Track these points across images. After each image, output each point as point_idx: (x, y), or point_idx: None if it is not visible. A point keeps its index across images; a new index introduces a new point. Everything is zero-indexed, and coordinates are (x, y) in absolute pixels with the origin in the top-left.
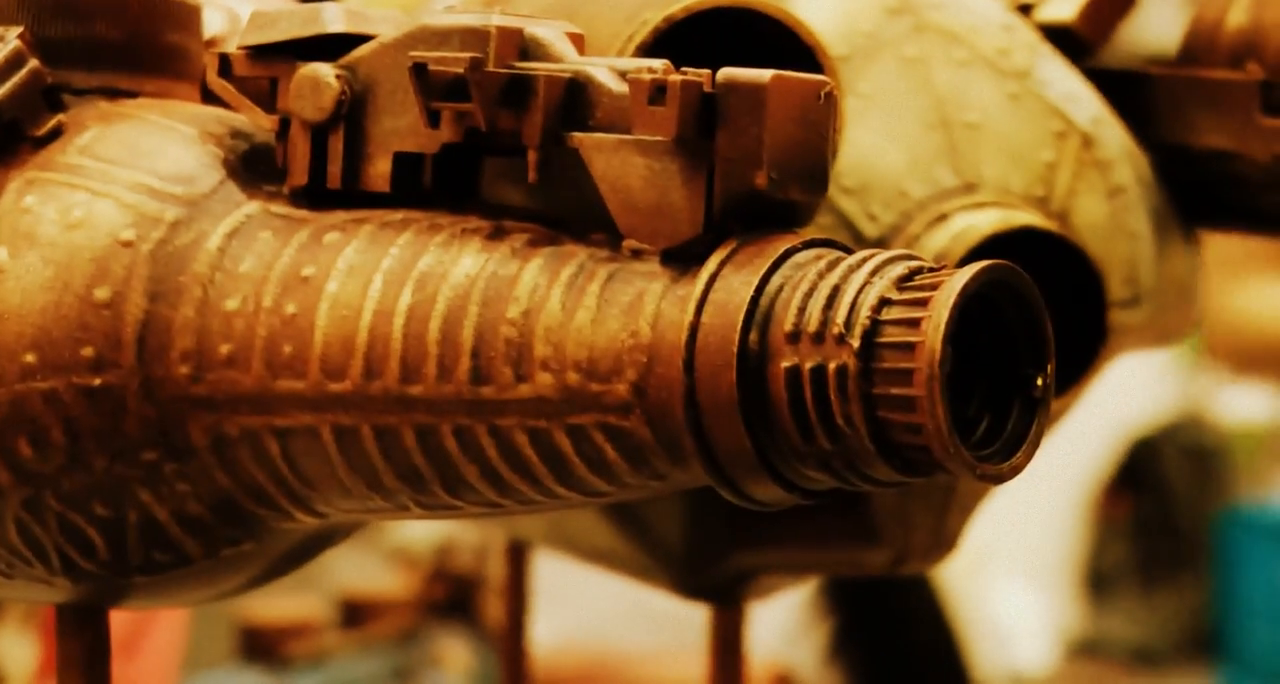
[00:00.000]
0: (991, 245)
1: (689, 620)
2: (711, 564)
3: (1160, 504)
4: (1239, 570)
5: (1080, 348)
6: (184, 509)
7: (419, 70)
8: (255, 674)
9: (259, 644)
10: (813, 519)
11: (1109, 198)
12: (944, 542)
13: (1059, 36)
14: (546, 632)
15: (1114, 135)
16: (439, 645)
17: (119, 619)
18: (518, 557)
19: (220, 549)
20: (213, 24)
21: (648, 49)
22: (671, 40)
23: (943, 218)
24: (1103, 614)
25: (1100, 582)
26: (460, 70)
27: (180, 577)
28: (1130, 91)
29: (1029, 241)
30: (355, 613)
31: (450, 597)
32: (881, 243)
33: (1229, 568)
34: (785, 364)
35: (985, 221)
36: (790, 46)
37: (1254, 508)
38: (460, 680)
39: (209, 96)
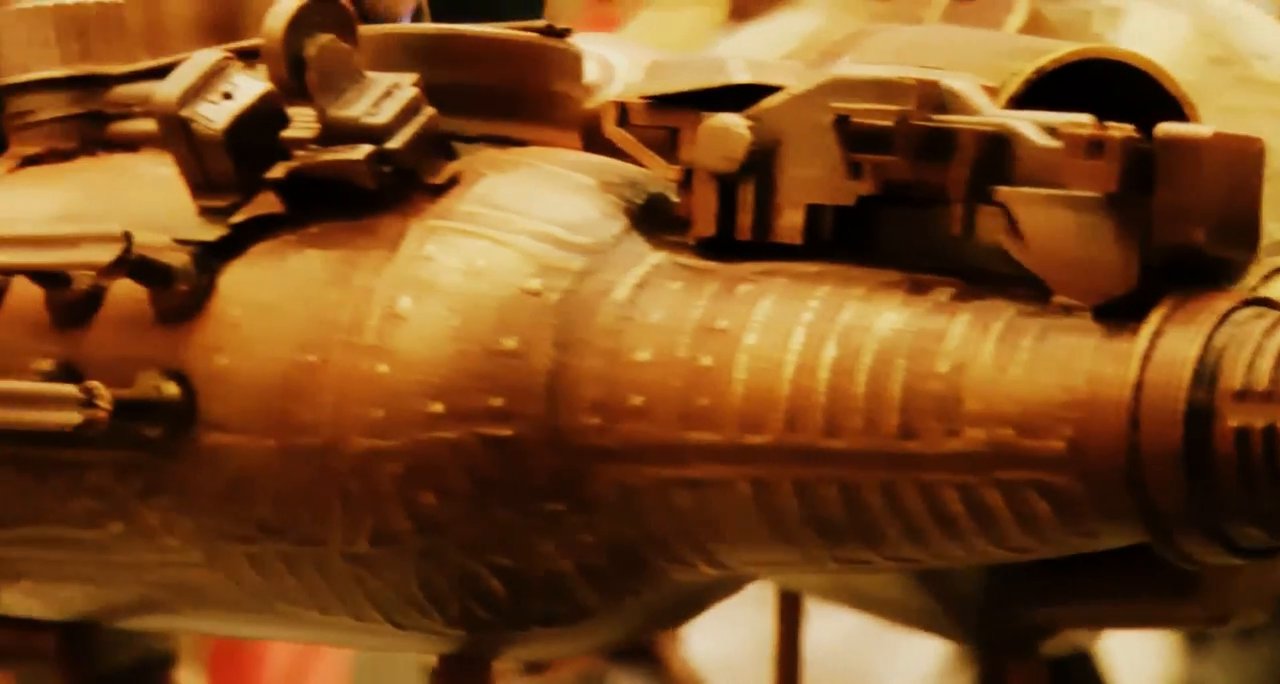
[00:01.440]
0: None
1: None
2: (1010, 617)
3: None
4: None
5: None
6: (586, 560)
7: (842, 122)
8: None
9: None
10: (1123, 573)
11: None
12: (1265, 597)
13: None
14: None
15: None
16: None
17: (285, 651)
18: (790, 607)
19: (618, 600)
20: (588, 72)
21: (1018, 100)
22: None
23: (1277, 272)
24: (1200, 661)
25: None
26: (886, 122)
27: (573, 628)
28: None
29: None
30: None
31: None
32: None
33: None
34: (1234, 423)
35: None
36: (1123, 95)
37: None
38: None
39: (590, 144)
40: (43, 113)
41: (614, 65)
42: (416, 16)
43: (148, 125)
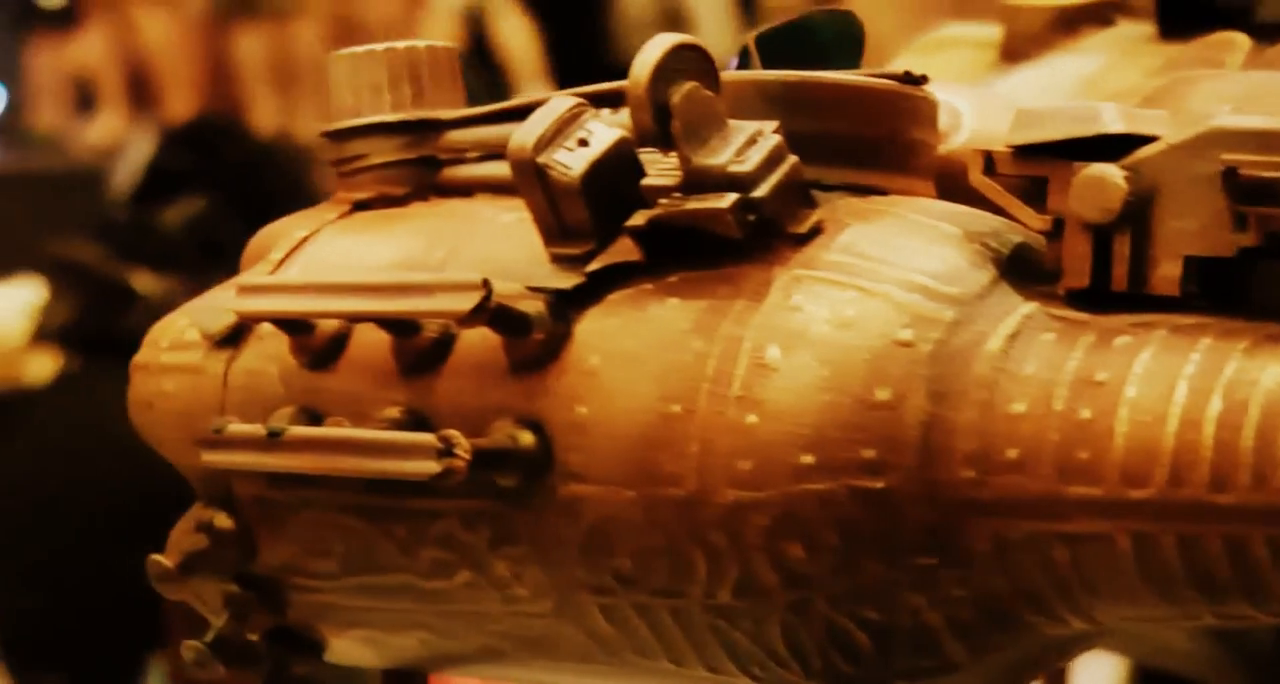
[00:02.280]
0: None
1: None
2: None
3: None
4: None
5: None
6: (957, 615)
7: (1230, 174)
8: None
9: None
10: None
11: None
12: None
13: None
14: None
15: None
16: None
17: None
18: None
19: (985, 654)
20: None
21: None
22: None
23: None
24: None
25: None
26: (1274, 175)
27: (937, 682)
28: None
29: None
30: None
31: None
32: None
33: None
34: None
35: None
36: None
37: None
38: None
39: (943, 192)
40: (374, 157)
41: (960, 111)
42: (744, 62)
43: (483, 171)
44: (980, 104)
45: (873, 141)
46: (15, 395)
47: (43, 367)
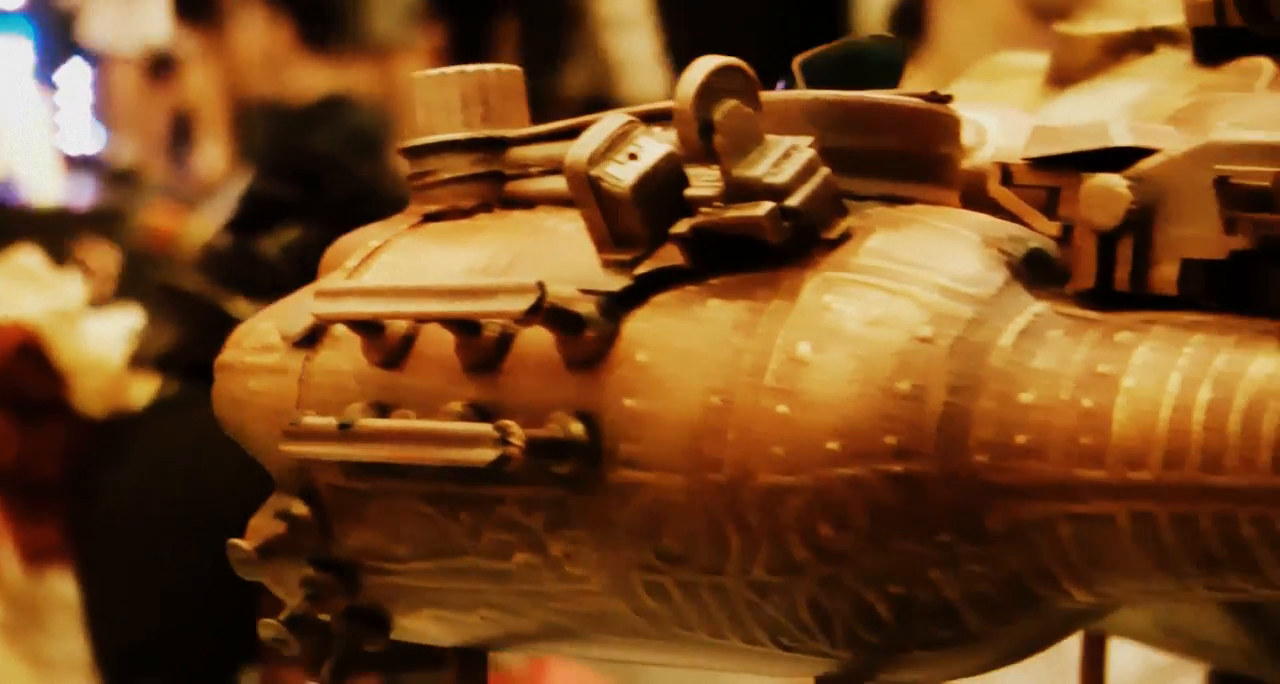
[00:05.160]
0: None
1: None
2: None
3: None
4: None
5: None
6: (974, 589)
7: (1222, 182)
8: None
9: None
10: None
11: None
12: None
13: None
14: None
15: None
16: None
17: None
18: (1094, 649)
19: (999, 626)
20: (964, 136)
21: None
22: None
23: None
24: None
25: None
26: (1265, 183)
27: (952, 652)
28: None
29: None
30: None
31: None
32: None
33: None
34: None
35: None
36: None
37: None
38: None
39: (967, 203)
40: (446, 172)
41: (986, 128)
42: (788, 83)
43: (545, 185)
44: (1005, 122)
45: (901, 155)
46: (118, 420)
47: (142, 391)
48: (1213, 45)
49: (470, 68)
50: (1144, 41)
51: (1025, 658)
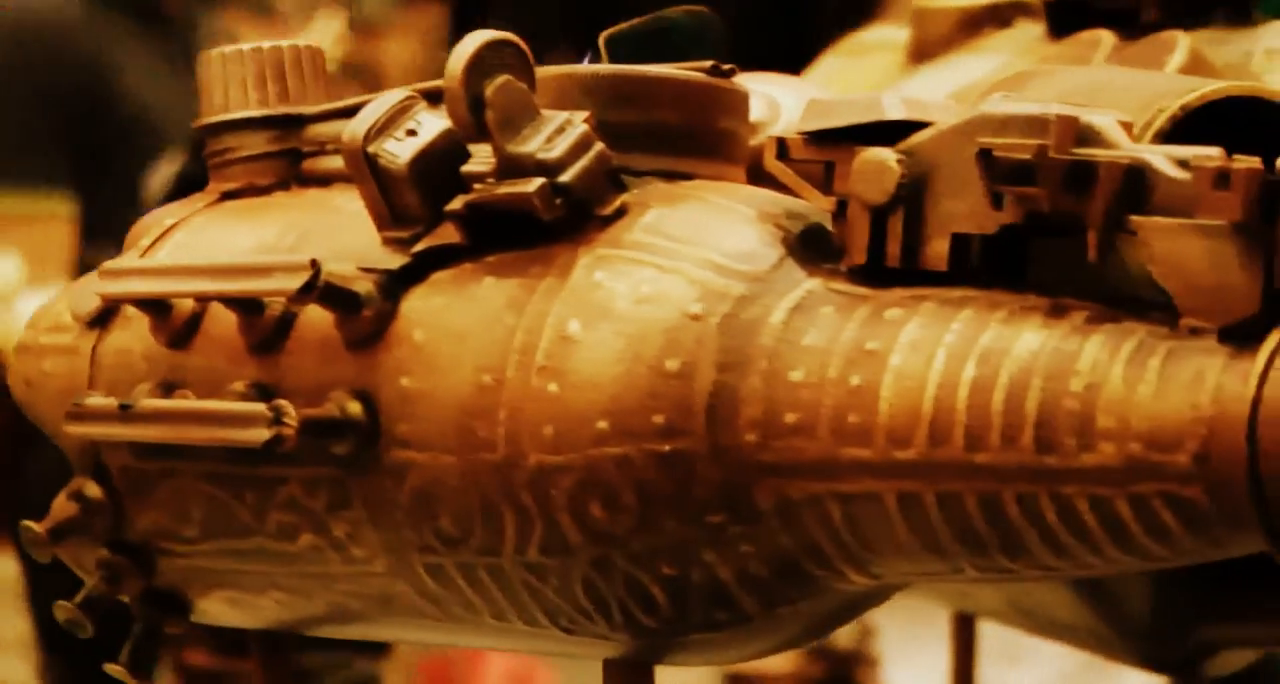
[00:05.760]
0: None
1: None
2: (1177, 637)
3: None
4: None
5: None
6: (746, 569)
7: (985, 155)
8: None
9: None
10: None
11: None
12: None
13: None
14: None
15: None
16: None
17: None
18: (965, 629)
19: (776, 607)
20: (755, 110)
21: (1165, 135)
22: (1183, 127)
23: None
24: None
25: None
26: (1027, 156)
27: (733, 634)
28: None
29: None
30: None
31: (830, 674)
32: None
33: None
34: None
35: None
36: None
37: None
38: None
39: (754, 179)
40: (242, 150)
41: (780, 104)
42: (594, 58)
43: (340, 162)
44: (801, 96)
45: (682, 130)
46: None
47: None
48: (1063, 18)
49: (266, 44)
50: (1001, 15)
51: (814, 641)
